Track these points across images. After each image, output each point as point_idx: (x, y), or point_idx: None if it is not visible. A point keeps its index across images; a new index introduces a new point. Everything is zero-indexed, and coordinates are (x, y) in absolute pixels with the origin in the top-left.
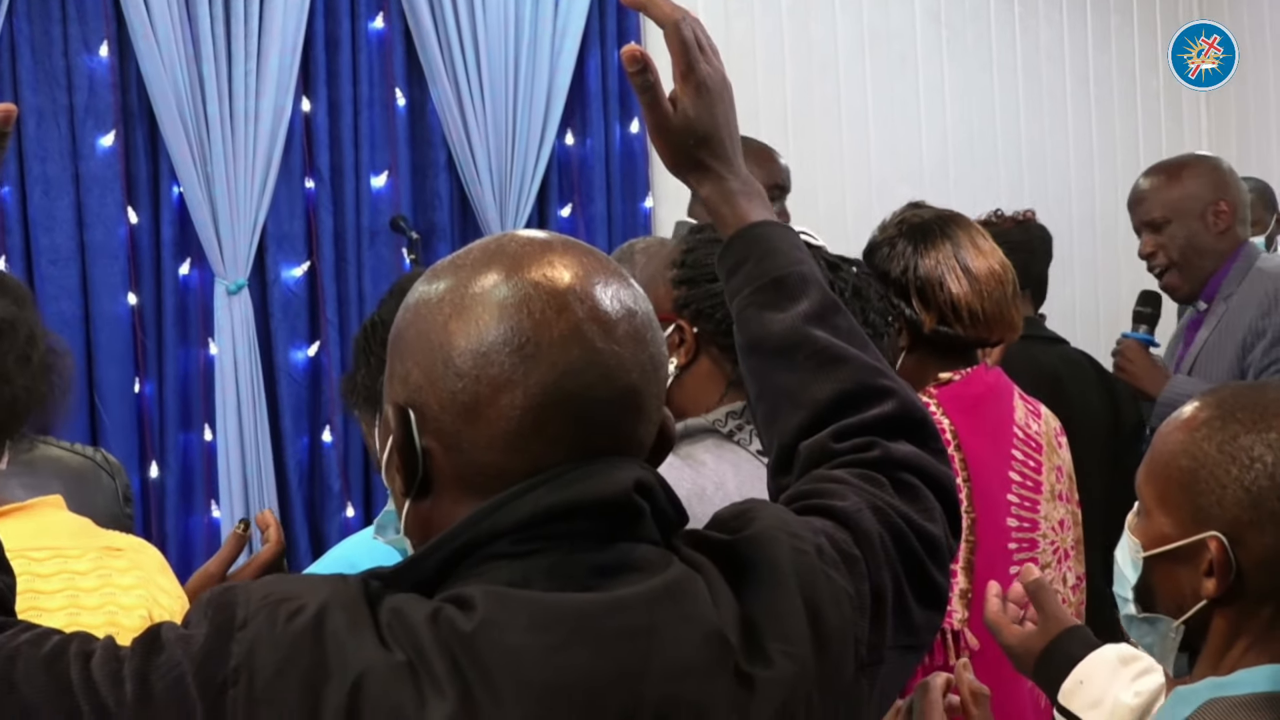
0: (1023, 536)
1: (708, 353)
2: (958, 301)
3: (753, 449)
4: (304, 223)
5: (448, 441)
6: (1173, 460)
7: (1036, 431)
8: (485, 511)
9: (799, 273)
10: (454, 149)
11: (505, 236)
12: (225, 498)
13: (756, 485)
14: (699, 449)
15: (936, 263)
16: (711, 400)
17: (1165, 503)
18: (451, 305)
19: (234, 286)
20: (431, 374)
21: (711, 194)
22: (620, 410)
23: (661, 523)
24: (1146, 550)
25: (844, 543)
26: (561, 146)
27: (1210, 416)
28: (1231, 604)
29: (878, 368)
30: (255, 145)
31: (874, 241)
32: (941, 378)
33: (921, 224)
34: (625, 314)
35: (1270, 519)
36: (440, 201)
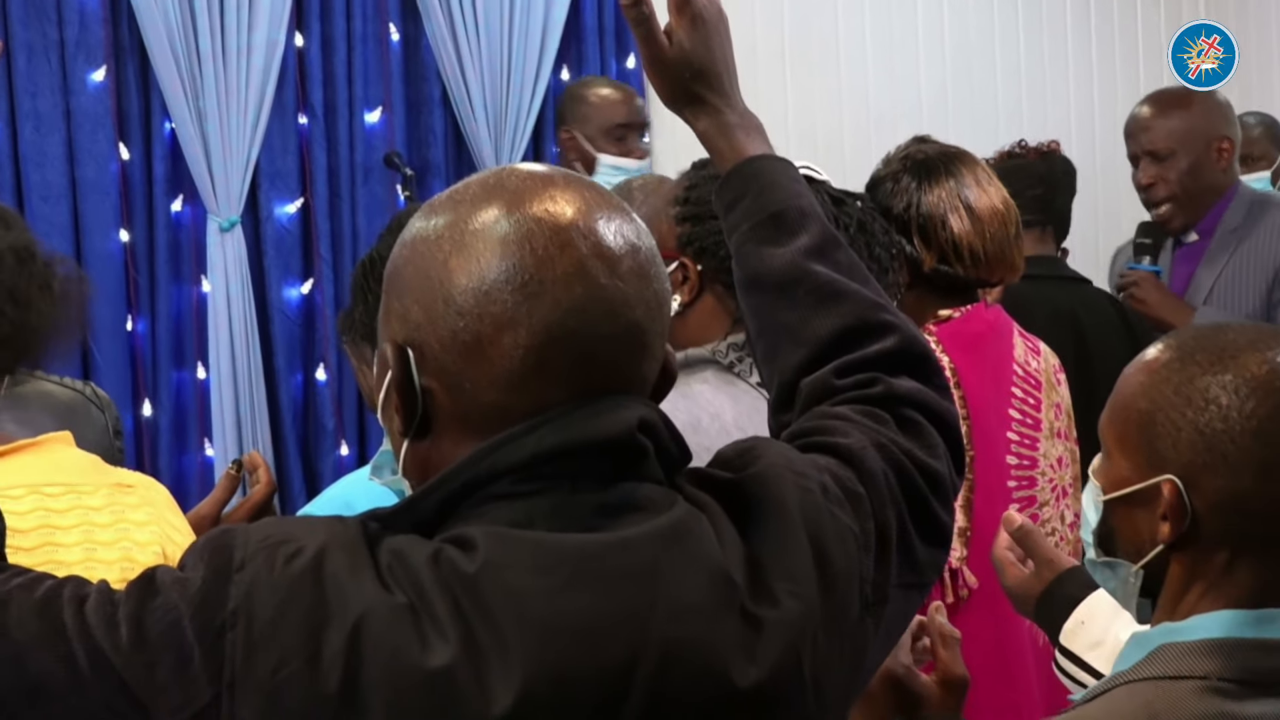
0: (1022, 474)
1: (711, 290)
2: (959, 240)
3: (753, 381)
4: (297, 159)
5: (448, 381)
6: (1132, 402)
7: (1036, 369)
8: (486, 451)
9: (798, 207)
10: (449, 85)
11: (504, 170)
12: (218, 436)
13: (755, 418)
14: (696, 380)
15: (939, 200)
16: (716, 337)
17: (1124, 445)
18: (451, 242)
19: (227, 223)
20: (432, 312)
21: (708, 128)
22: (624, 348)
23: (665, 462)
24: (1107, 494)
25: (848, 480)
26: (557, 82)
27: (1171, 358)
28: (1186, 549)
29: (879, 302)
30: (248, 80)
31: (877, 175)
32: (941, 315)
33: (926, 160)
34: (629, 249)
35: (1224, 462)
36: (435, 138)
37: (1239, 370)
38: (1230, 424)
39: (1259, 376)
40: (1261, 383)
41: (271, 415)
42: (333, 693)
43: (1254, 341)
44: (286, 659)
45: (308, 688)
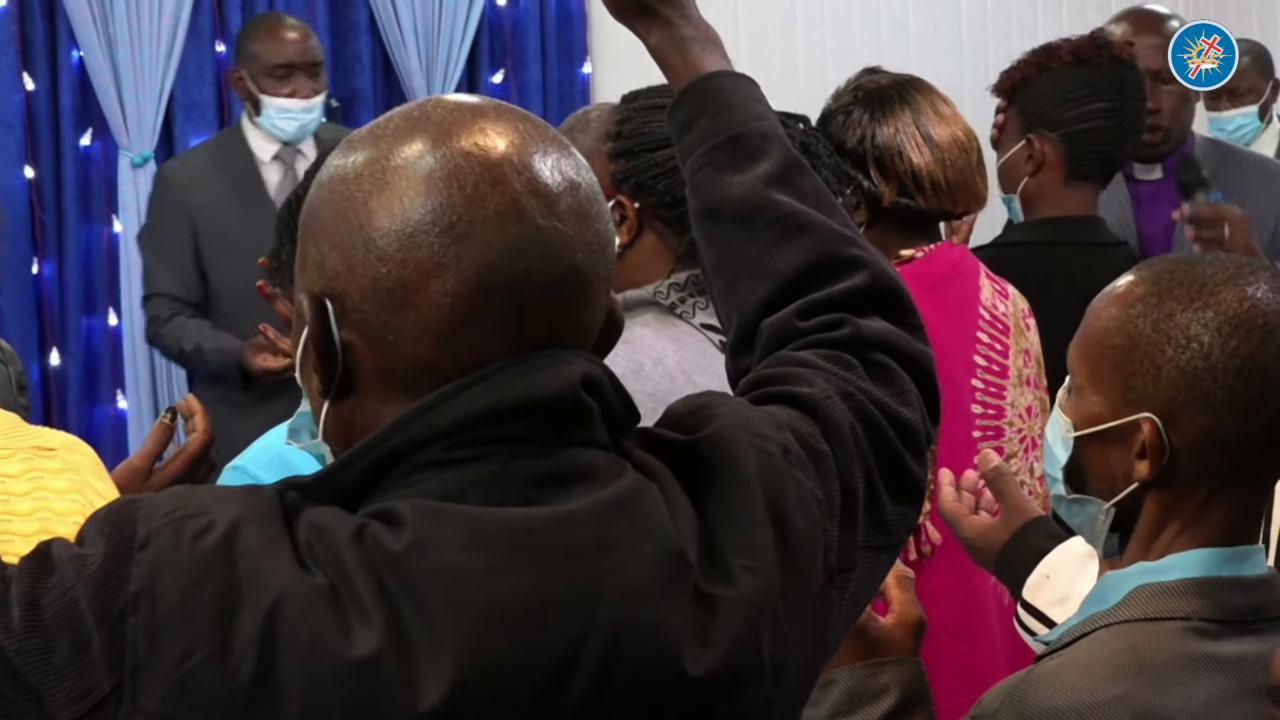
0: (988, 424)
1: (652, 228)
2: (919, 171)
3: (696, 322)
4: (214, 90)
5: (371, 334)
6: (1106, 337)
7: (1004, 313)
8: (414, 413)
9: (759, 129)
10: (375, 8)
11: (430, 102)
12: (132, 387)
13: (699, 360)
14: (637, 323)
15: (896, 131)
16: (657, 278)
17: (1097, 381)
18: (371, 180)
19: (139, 159)
20: (351, 258)
21: (661, 42)
22: (564, 295)
23: (611, 423)
24: (1077, 429)
25: (811, 437)
26: (492, 6)
27: (1146, 292)
28: (1164, 487)
29: (847, 235)
30: (161, 5)
31: (828, 110)
32: (903, 255)
33: (878, 90)
34: (568, 186)
35: (1205, 401)
36: (361, 66)
37: (1220, 307)
38: (1212, 362)
39: (1240, 313)
40: (1243, 320)
41: None
42: (245, 683)
43: (1233, 276)
44: (194, 646)
45: (218, 677)
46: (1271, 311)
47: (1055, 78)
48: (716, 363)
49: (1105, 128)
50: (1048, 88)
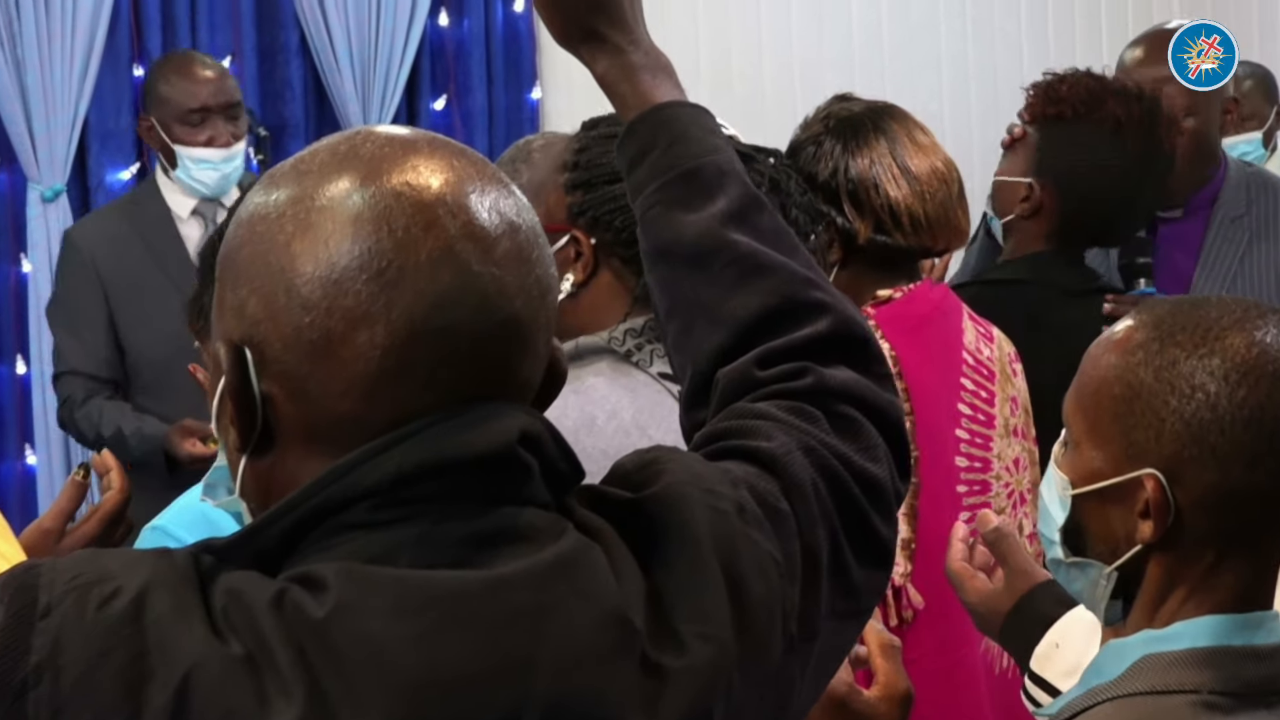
0: (973, 478)
1: (608, 266)
2: (896, 205)
3: (653, 371)
4: (132, 117)
5: (293, 386)
6: (1105, 387)
7: (989, 357)
8: (339, 471)
9: (715, 163)
10: (308, 30)
11: (359, 134)
12: (42, 440)
13: (657, 413)
14: (589, 372)
15: (870, 162)
16: (614, 321)
17: (1096, 434)
18: (295, 221)
19: (50, 192)
20: (272, 305)
21: (608, 70)
22: (501, 345)
23: (552, 480)
24: (1075, 487)
25: (769, 495)
26: (434, 27)
27: (1147, 338)
28: (1169, 549)
29: (809, 278)
30: (74, 25)
31: (797, 140)
32: (880, 295)
33: (851, 119)
34: (506, 229)
35: (1212, 455)
36: (292, 92)
37: (1227, 353)
38: (1219, 413)
39: (1248, 360)
40: (1251, 367)
41: None
42: None
43: (1239, 320)
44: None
45: None
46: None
47: (1087, 134)
48: (675, 416)
49: (1114, 205)
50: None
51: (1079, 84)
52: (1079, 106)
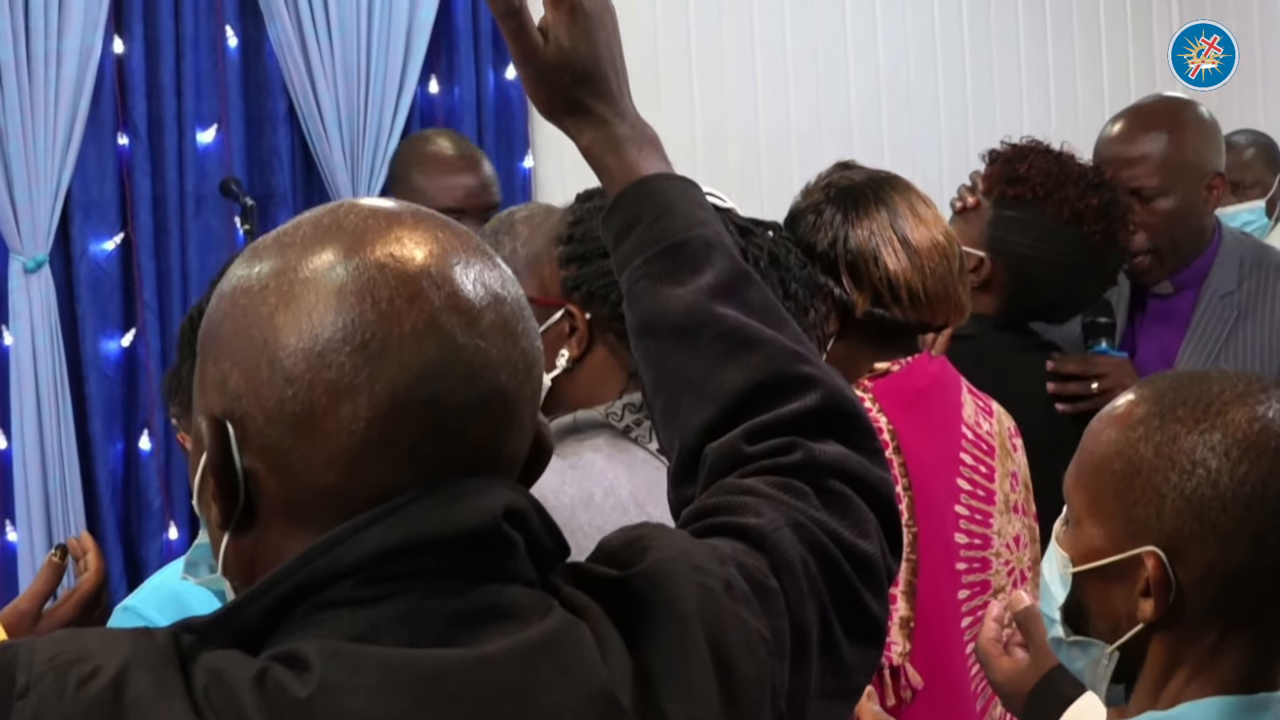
0: (973, 555)
1: (604, 341)
2: (895, 278)
3: (652, 447)
4: (116, 186)
5: (276, 461)
6: (1105, 463)
7: (988, 432)
8: (322, 547)
9: (701, 236)
10: (296, 98)
11: (342, 207)
12: (23, 517)
13: (655, 490)
14: (587, 447)
15: (870, 233)
16: (611, 395)
17: (1097, 511)
18: (278, 293)
19: (32, 263)
20: (255, 378)
21: (594, 143)
22: (486, 419)
23: (538, 557)
24: (1076, 565)
25: (758, 571)
26: (424, 95)
27: (1148, 413)
28: (1171, 627)
29: (798, 351)
30: (57, 93)
31: (796, 209)
32: (877, 368)
33: (852, 188)
34: (491, 301)
35: (1213, 532)
36: (280, 161)
37: (1228, 429)
38: (1220, 490)
39: (1250, 436)
40: (1254, 443)
41: (86, 491)
42: None
43: (1241, 395)
44: None
45: None
46: None
47: (1042, 221)
48: None
49: (1061, 293)
50: (1029, 226)
51: (1039, 165)
52: (1037, 189)
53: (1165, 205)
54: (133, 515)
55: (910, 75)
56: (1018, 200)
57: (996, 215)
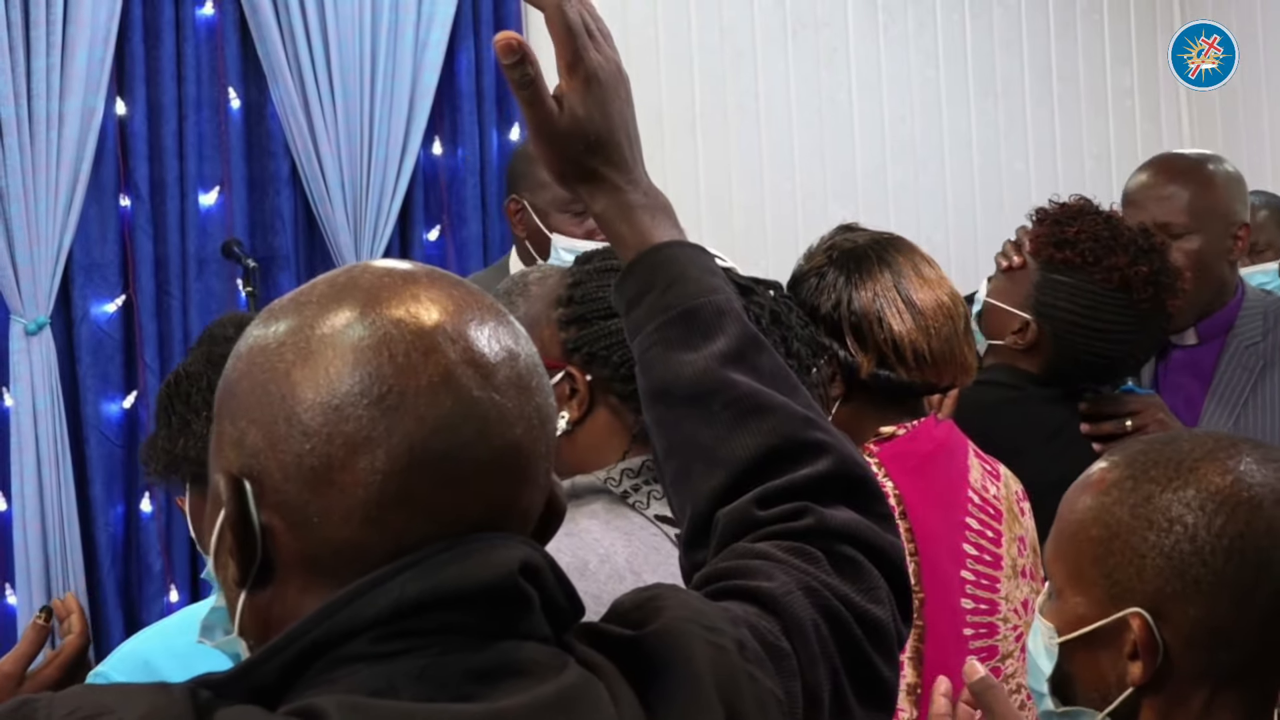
0: (980, 621)
1: (605, 403)
2: (900, 340)
3: (650, 514)
4: (118, 248)
5: (293, 516)
6: (1081, 530)
7: (995, 496)
8: (339, 603)
9: (714, 304)
10: (298, 159)
11: (357, 268)
12: (23, 579)
13: (652, 558)
14: (583, 513)
15: (874, 295)
16: (611, 459)
17: (1078, 579)
18: (295, 350)
19: (33, 325)
20: (272, 434)
21: (607, 209)
22: (502, 473)
23: (553, 615)
24: (1061, 635)
25: (770, 633)
26: (427, 156)
27: (1121, 477)
28: (1161, 689)
29: (809, 417)
30: (59, 156)
31: (799, 272)
32: (883, 432)
33: (855, 250)
34: (506, 356)
35: (1195, 588)
36: (282, 223)
37: (1201, 484)
38: (1199, 544)
39: (1224, 489)
40: (1227, 496)
41: (86, 554)
42: None
43: (1211, 451)
44: None
45: None
46: (1257, 484)
47: (1091, 288)
48: (671, 560)
49: (1109, 363)
50: (1077, 291)
51: (1088, 228)
52: (1086, 254)
53: (1192, 246)
54: (133, 578)
55: (915, 139)
56: (1066, 264)
57: (1043, 279)
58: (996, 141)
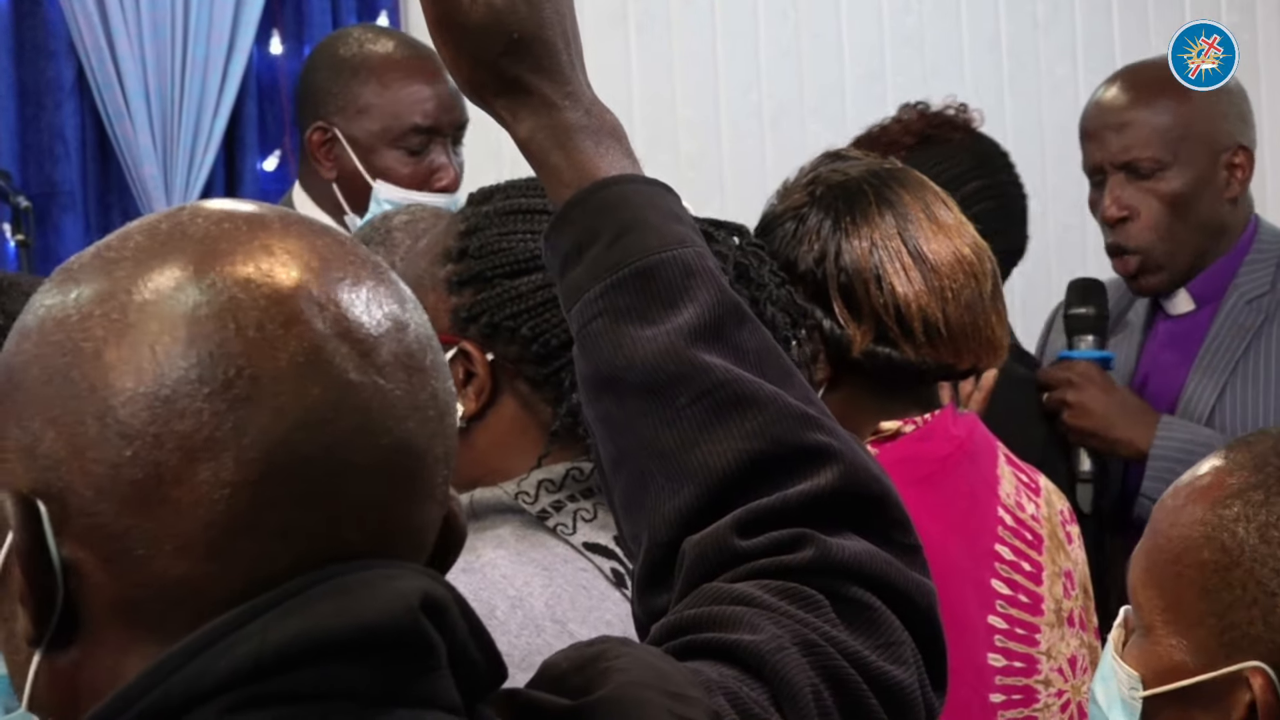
0: (1014, 683)
1: (513, 391)
2: (905, 306)
3: (577, 541)
4: None
5: (109, 547)
6: (1188, 551)
7: (1033, 516)
8: (177, 659)
9: (680, 259)
10: (87, 61)
11: (185, 211)
12: None
13: (580, 600)
14: (487, 541)
15: (871, 246)
16: (522, 467)
17: (1177, 615)
18: (106, 323)
19: None
20: (78, 437)
21: (536, 133)
22: (388, 482)
23: (463, 675)
24: (1148, 686)
25: (755, 704)
26: (262, 57)
27: (1245, 484)
28: None
29: (807, 414)
30: None
31: (771, 214)
32: (883, 429)
33: (845, 185)
34: (392, 327)
35: None
36: (65, 147)
37: None
38: None
39: None
40: None
41: None
42: None
43: None
44: None
45: None
46: None
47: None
48: (606, 604)
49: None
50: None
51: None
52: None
53: (1169, 185)
54: None
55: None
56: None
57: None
58: (1034, 39)
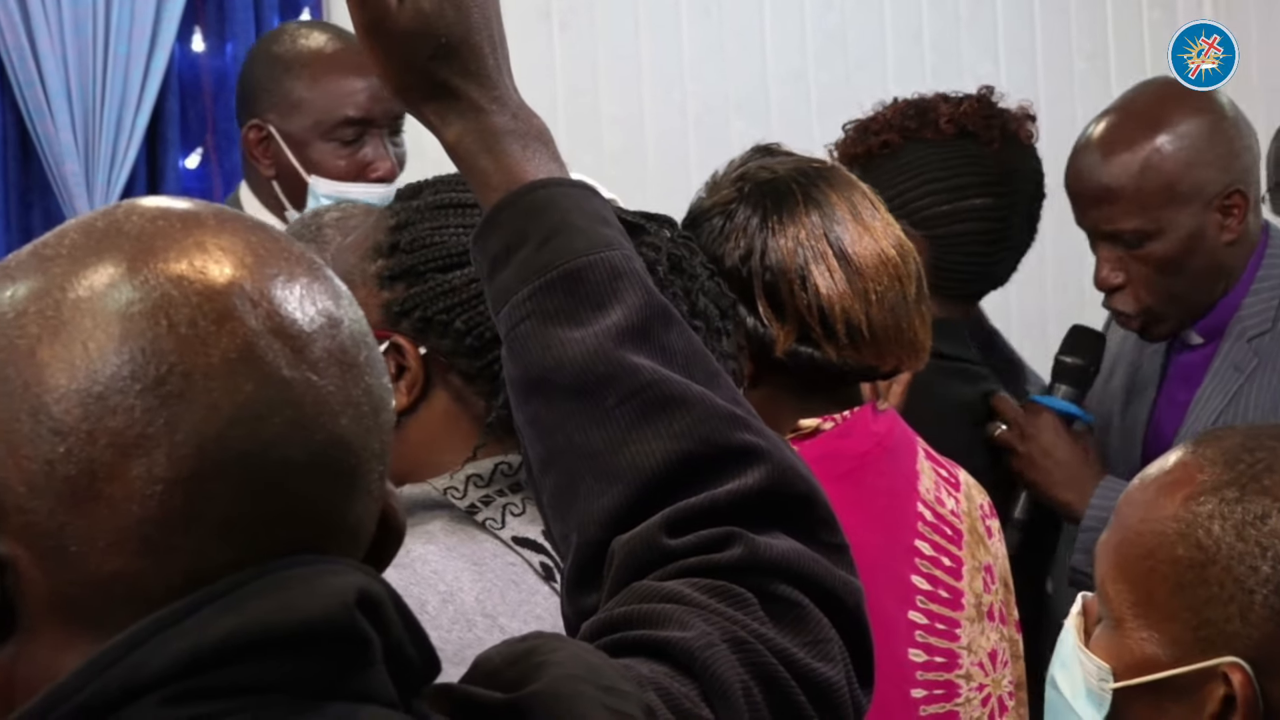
0: (934, 678)
1: (444, 385)
2: (828, 306)
3: (506, 535)
4: None
5: (43, 544)
6: (1162, 547)
7: (953, 511)
8: (112, 654)
9: (608, 261)
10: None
11: (121, 209)
12: None
13: (510, 594)
14: (417, 536)
15: (796, 245)
16: (453, 461)
17: (1149, 609)
18: (40, 320)
19: None
20: (11, 433)
21: (464, 137)
22: (323, 478)
23: (398, 670)
24: (1120, 678)
25: (686, 699)
26: (184, 54)
27: (1218, 481)
28: None
29: (735, 414)
30: None
31: (699, 208)
32: (803, 427)
33: (773, 183)
34: (325, 324)
35: None
36: None
37: None
38: None
39: None
40: None
41: None
42: None
43: None
44: None
45: None
46: None
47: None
48: (536, 599)
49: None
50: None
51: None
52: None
53: (1161, 250)
54: None
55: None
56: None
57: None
58: (956, 36)
